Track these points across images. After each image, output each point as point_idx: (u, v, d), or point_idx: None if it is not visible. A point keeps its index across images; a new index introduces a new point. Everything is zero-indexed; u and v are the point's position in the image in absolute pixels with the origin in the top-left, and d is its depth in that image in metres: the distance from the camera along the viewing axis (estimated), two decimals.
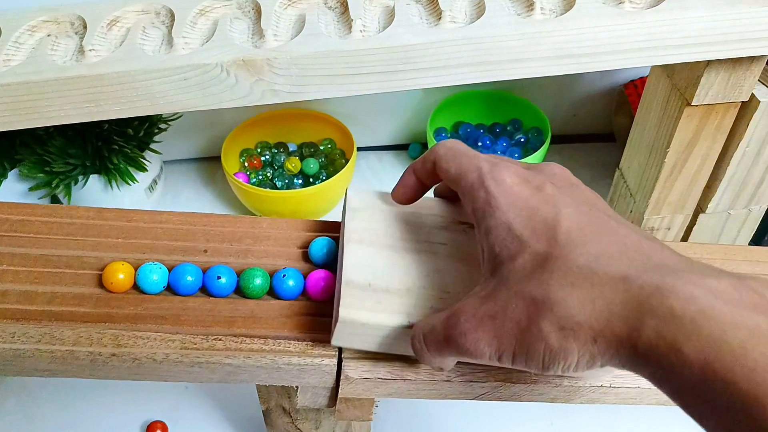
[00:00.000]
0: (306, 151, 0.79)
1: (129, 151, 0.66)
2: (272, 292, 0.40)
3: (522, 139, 0.79)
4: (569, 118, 0.87)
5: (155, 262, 0.39)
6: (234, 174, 0.73)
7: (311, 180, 0.76)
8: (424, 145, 0.85)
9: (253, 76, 0.44)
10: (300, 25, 0.46)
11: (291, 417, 0.46)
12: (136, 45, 0.46)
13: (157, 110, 0.45)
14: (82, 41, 0.46)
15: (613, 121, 0.84)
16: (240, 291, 0.39)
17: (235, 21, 0.48)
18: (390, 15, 0.46)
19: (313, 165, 0.76)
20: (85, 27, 0.48)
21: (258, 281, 0.39)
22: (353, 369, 0.38)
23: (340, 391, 0.38)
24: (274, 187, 0.75)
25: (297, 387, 0.40)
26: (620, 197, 0.66)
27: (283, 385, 0.42)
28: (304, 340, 0.38)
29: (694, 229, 0.62)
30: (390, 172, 0.85)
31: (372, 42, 0.44)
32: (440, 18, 0.45)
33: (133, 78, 0.44)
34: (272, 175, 0.76)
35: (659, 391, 0.41)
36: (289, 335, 0.38)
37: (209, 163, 0.84)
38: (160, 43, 0.46)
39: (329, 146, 0.79)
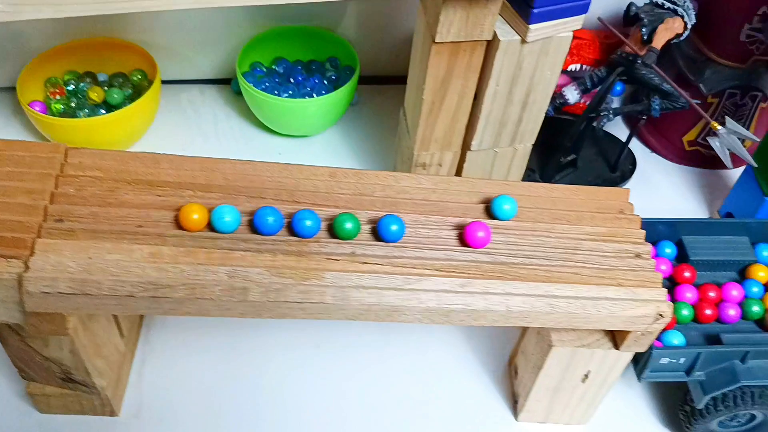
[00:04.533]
0: (115, 81, 0.78)
1: None
2: None
3: (333, 77, 0.80)
4: (392, 59, 0.88)
5: None
6: (30, 103, 0.72)
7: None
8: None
9: None
10: None
11: (20, 335, 0.48)
12: None
13: None
14: None
15: None
16: None
17: None
18: None
19: (116, 95, 0.75)
20: None
21: None
22: (33, 284, 0.39)
23: (24, 305, 0.40)
24: (75, 117, 0.74)
25: None
26: (402, 135, 0.68)
27: None
28: None
29: (465, 165, 0.66)
30: (211, 106, 0.85)
31: None
32: None
33: None
34: (76, 105, 0.75)
35: (345, 307, 0.44)
36: None
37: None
38: None
39: (139, 77, 0.78)
